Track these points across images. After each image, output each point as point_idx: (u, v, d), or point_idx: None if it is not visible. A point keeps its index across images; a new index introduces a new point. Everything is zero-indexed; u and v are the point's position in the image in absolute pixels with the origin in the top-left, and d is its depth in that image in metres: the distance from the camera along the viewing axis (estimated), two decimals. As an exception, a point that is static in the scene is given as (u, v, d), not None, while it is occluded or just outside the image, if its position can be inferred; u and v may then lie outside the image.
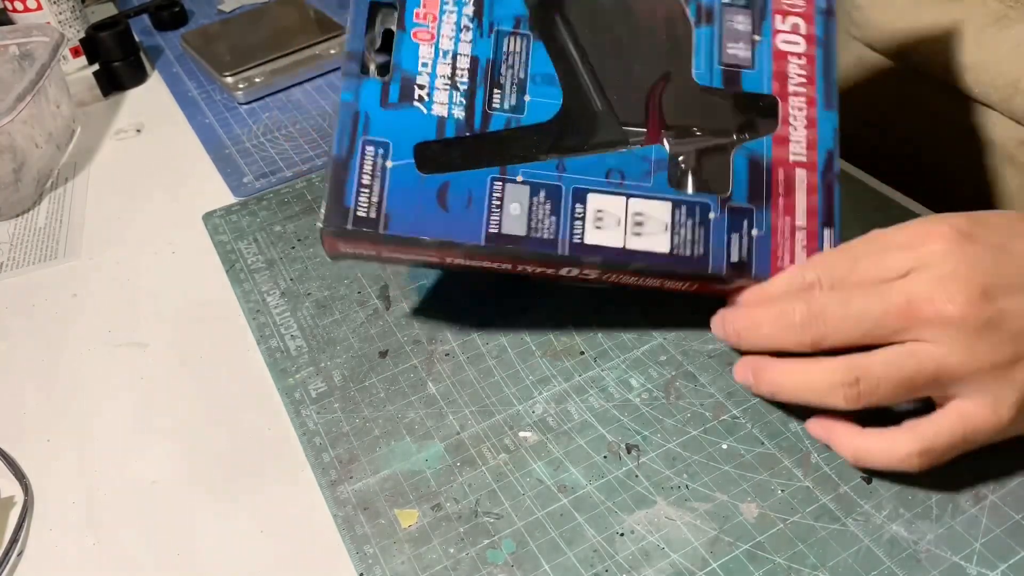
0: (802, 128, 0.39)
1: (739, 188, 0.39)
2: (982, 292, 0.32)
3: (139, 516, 0.38)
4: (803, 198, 0.38)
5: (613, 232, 0.38)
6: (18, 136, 0.58)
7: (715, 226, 0.38)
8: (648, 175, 0.38)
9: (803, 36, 0.41)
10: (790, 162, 0.39)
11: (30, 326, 0.49)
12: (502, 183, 0.37)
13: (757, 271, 0.38)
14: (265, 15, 0.78)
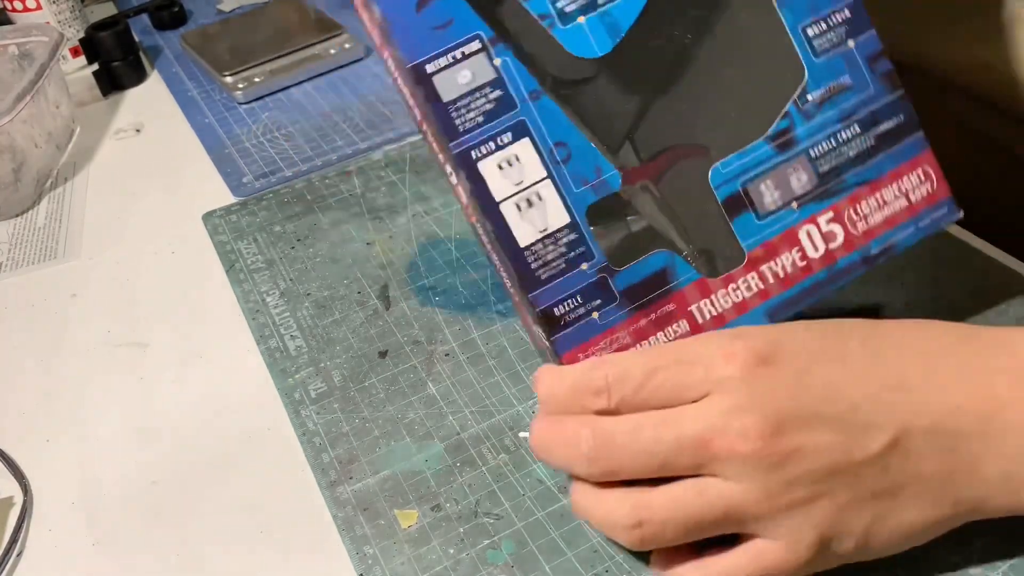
0: (729, 302, 0.36)
1: (629, 276, 0.35)
2: (776, 426, 0.29)
3: (139, 516, 0.38)
4: (661, 337, 0.35)
5: (503, 181, 0.34)
6: (18, 136, 0.58)
7: (577, 273, 0.34)
8: (583, 183, 0.34)
9: (826, 251, 0.36)
10: (686, 308, 0.35)
11: (30, 326, 0.49)
12: (479, 47, 0.33)
13: (560, 344, 0.34)
14: (265, 15, 0.78)
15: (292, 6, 0.78)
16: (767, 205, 0.35)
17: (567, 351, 0.34)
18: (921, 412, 0.30)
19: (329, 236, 0.52)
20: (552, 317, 0.34)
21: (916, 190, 0.37)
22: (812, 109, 0.36)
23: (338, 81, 0.69)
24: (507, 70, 0.33)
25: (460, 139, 0.33)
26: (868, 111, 0.36)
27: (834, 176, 0.36)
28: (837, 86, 0.36)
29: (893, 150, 0.36)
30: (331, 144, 0.61)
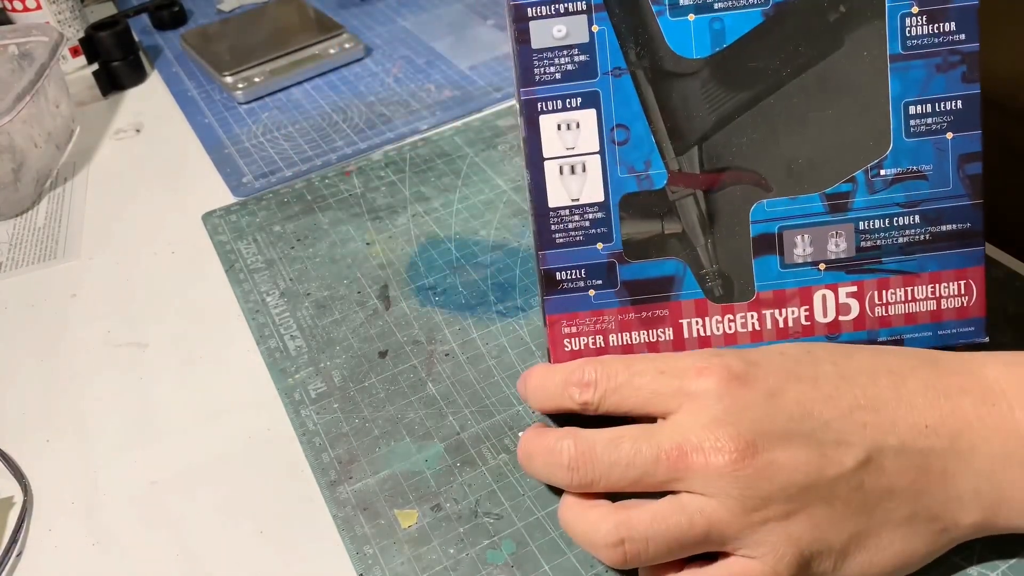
0: (719, 331, 0.36)
1: (642, 269, 0.35)
2: (750, 442, 0.30)
3: (139, 516, 0.38)
4: (638, 339, 0.36)
5: (557, 141, 0.35)
6: (17, 136, 0.58)
7: (590, 250, 0.35)
8: (630, 170, 0.35)
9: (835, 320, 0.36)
10: (679, 320, 0.36)
11: (30, 326, 0.49)
12: (585, 8, 0.34)
13: (551, 306, 0.36)
14: (265, 15, 0.78)
15: (292, 6, 0.78)
16: (795, 256, 0.35)
17: (554, 313, 0.36)
18: (891, 431, 0.30)
19: (329, 236, 0.52)
20: (552, 279, 0.35)
21: (950, 300, 0.35)
22: (880, 184, 0.34)
23: (338, 81, 0.70)
24: (601, 38, 0.34)
25: (533, 88, 0.34)
26: (937, 207, 0.35)
27: (873, 255, 0.35)
28: (916, 172, 0.34)
29: (945, 253, 0.35)
30: (331, 144, 0.61)
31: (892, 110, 0.34)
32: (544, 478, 0.34)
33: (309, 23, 0.75)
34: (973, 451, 0.30)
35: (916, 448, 0.30)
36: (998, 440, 0.30)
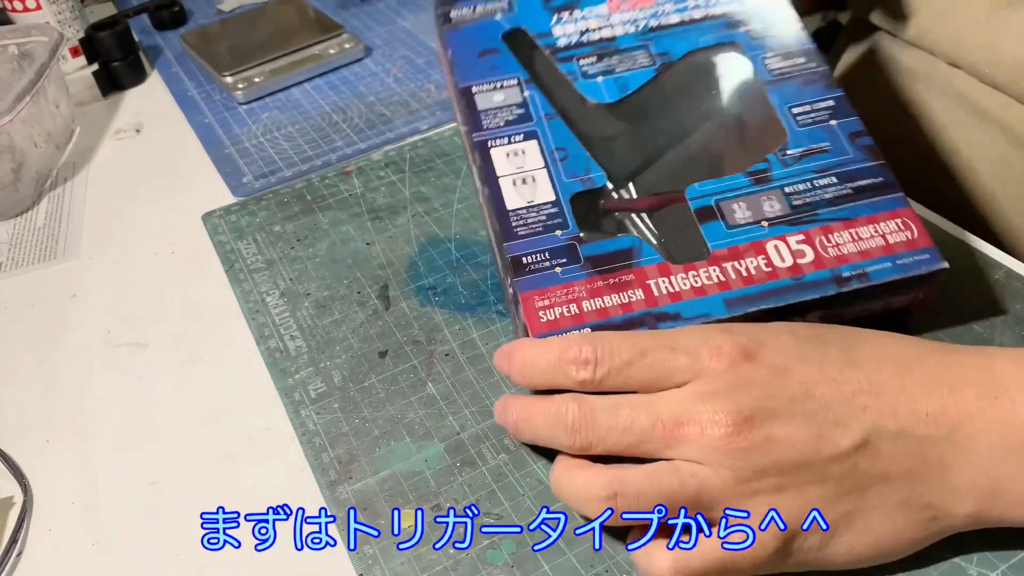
0: (687, 285, 0.37)
1: (598, 246, 0.39)
2: (748, 417, 0.30)
3: (139, 516, 0.38)
4: (611, 302, 0.37)
5: (507, 164, 0.42)
6: (17, 136, 0.58)
7: (551, 236, 0.39)
8: (573, 178, 0.41)
9: (794, 264, 0.38)
10: (645, 282, 0.37)
11: (30, 326, 0.49)
12: (516, 83, 0.45)
13: (520, 284, 0.38)
14: (265, 15, 0.78)
15: (292, 6, 0.78)
16: (737, 219, 0.39)
17: (525, 291, 0.38)
18: (891, 416, 0.31)
19: (329, 236, 0.52)
20: (520, 263, 0.39)
21: (894, 235, 0.38)
22: (790, 160, 0.40)
23: (338, 81, 0.70)
24: (532, 100, 0.44)
25: (483, 132, 0.43)
26: (846, 170, 0.40)
27: (807, 210, 0.39)
28: (817, 148, 0.41)
29: (870, 201, 0.39)
30: (331, 144, 0.61)
31: (780, 113, 0.42)
32: (545, 439, 0.35)
33: (309, 23, 0.75)
34: (972, 442, 0.31)
35: (914, 435, 0.31)
36: (997, 433, 0.31)
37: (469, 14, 0.47)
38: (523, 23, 0.47)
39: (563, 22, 0.47)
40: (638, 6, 0.47)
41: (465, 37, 0.47)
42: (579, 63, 0.45)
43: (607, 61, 0.45)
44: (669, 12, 0.47)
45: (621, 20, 0.47)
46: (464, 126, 0.45)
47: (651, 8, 0.47)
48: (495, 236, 0.41)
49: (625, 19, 0.47)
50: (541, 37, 0.47)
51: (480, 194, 0.43)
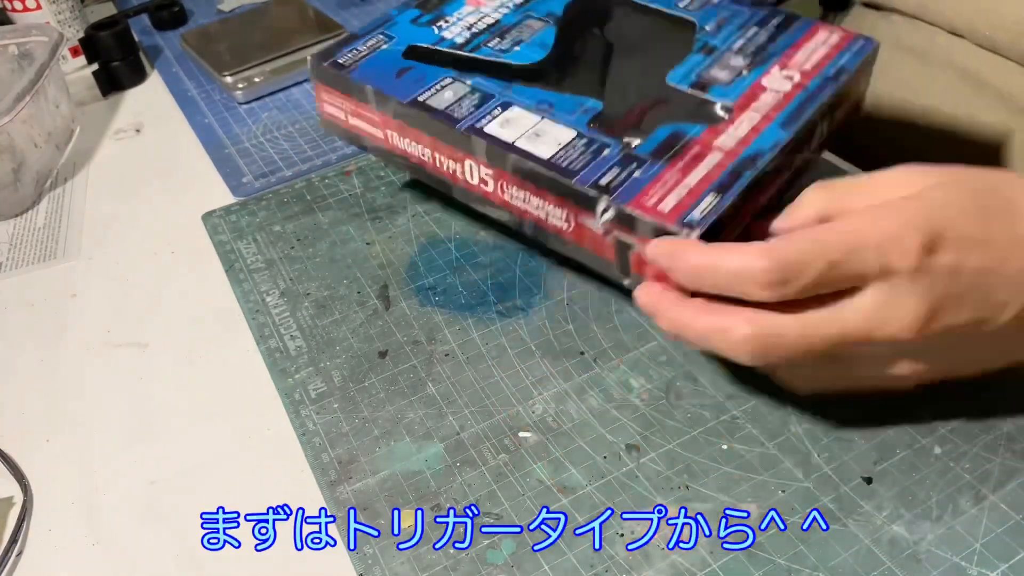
0: (743, 130, 0.40)
1: (647, 145, 0.40)
2: (929, 317, 0.32)
3: (139, 516, 0.38)
4: (704, 170, 0.38)
5: (510, 132, 0.41)
6: (17, 136, 0.58)
7: (603, 158, 0.39)
8: (572, 114, 0.42)
9: (793, 83, 0.43)
10: (711, 145, 0.40)
11: (30, 326, 0.49)
12: (452, 80, 0.45)
13: (619, 197, 0.37)
14: (265, 15, 0.78)
15: (292, 6, 0.78)
16: (724, 79, 0.44)
17: (630, 199, 0.37)
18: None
19: (329, 236, 0.52)
20: (601, 186, 0.38)
21: (828, 40, 0.46)
22: (713, 32, 0.47)
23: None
24: (478, 83, 0.45)
25: (462, 122, 0.42)
26: (755, 20, 0.47)
27: (760, 52, 0.45)
28: (721, 19, 0.48)
29: (791, 30, 0.47)
30: (331, 144, 0.61)
31: (672, 11, 0.48)
32: (708, 349, 0.35)
33: (309, 23, 0.75)
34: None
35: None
36: None
37: (357, 55, 0.47)
38: (410, 43, 0.48)
39: (445, 28, 0.49)
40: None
41: (369, 70, 0.46)
42: (489, 47, 0.47)
43: (510, 36, 0.48)
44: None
45: (491, 8, 0.50)
46: (426, 140, 0.44)
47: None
48: (552, 187, 0.39)
49: (494, 6, 0.50)
50: (437, 45, 0.48)
51: (487, 184, 0.42)
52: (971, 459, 0.37)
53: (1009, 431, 0.38)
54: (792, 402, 0.40)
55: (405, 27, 0.49)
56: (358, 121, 0.48)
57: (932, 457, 0.37)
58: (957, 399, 0.39)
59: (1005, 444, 0.37)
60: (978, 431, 0.38)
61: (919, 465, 0.37)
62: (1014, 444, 0.37)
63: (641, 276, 0.38)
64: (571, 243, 0.41)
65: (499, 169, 0.41)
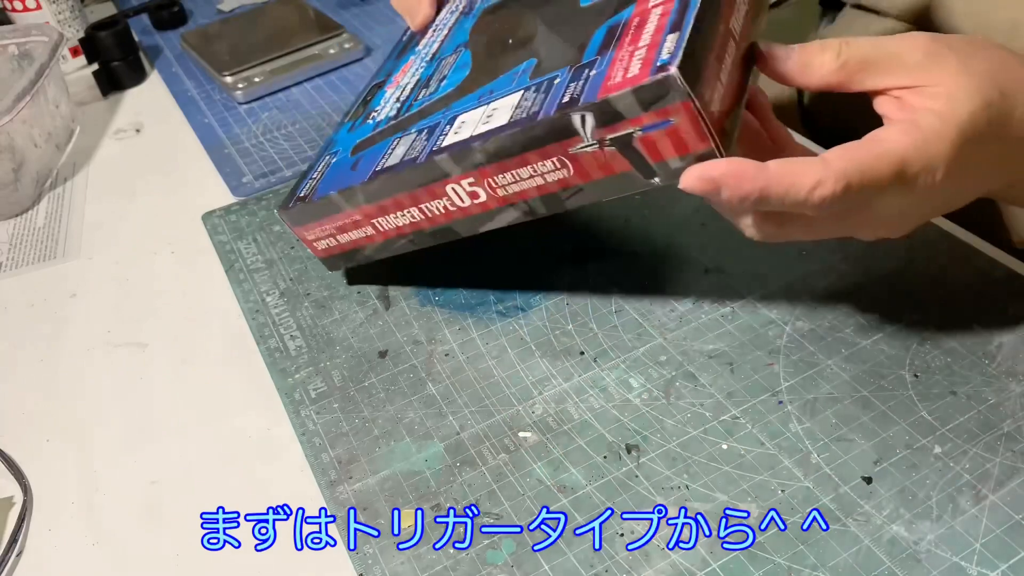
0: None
1: (589, 52, 0.37)
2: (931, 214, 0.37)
3: (139, 516, 0.38)
4: (651, 27, 0.35)
5: (465, 131, 0.39)
6: (17, 136, 0.58)
7: (555, 87, 0.36)
8: (513, 85, 0.39)
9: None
10: (648, 8, 0.36)
11: (30, 326, 0.49)
12: (400, 138, 0.43)
13: (585, 99, 0.34)
14: (265, 15, 0.78)
15: (292, 6, 0.78)
16: None
17: (597, 93, 0.34)
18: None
19: (329, 236, 0.52)
20: (565, 103, 0.35)
21: None
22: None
23: (338, 81, 0.70)
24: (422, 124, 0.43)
25: (421, 155, 0.40)
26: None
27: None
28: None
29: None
30: (331, 144, 0.61)
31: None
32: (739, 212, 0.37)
33: (309, 23, 0.75)
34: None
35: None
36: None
37: (313, 182, 0.46)
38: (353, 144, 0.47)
39: (377, 115, 0.48)
40: (407, 70, 0.50)
41: (328, 183, 0.45)
42: (420, 100, 0.45)
43: (434, 82, 0.46)
44: (429, 49, 0.50)
45: (407, 79, 0.49)
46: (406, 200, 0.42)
47: (416, 63, 0.50)
48: (528, 143, 0.37)
49: (409, 74, 0.49)
50: (376, 130, 0.46)
51: (479, 195, 0.40)
52: (971, 459, 0.37)
53: (1009, 431, 0.38)
54: (792, 402, 0.40)
55: (344, 137, 0.49)
56: (346, 236, 0.46)
57: (932, 457, 0.37)
58: (957, 399, 0.39)
59: (1005, 444, 0.37)
60: (978, 431, 0.38)
61: (919, 465, 0.37)
62: (1014, 444, 0.37)
63: (665, 162, 0.35)
64: (584, 186, 0.37)
65: (476, 170, 0.39)
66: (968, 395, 0.39)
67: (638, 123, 0.33)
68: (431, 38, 0.52)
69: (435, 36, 0.51)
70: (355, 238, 0.46)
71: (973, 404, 0.39)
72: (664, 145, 0.34)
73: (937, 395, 0.39)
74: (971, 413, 0.39)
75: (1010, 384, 0.40)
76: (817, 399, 0.40)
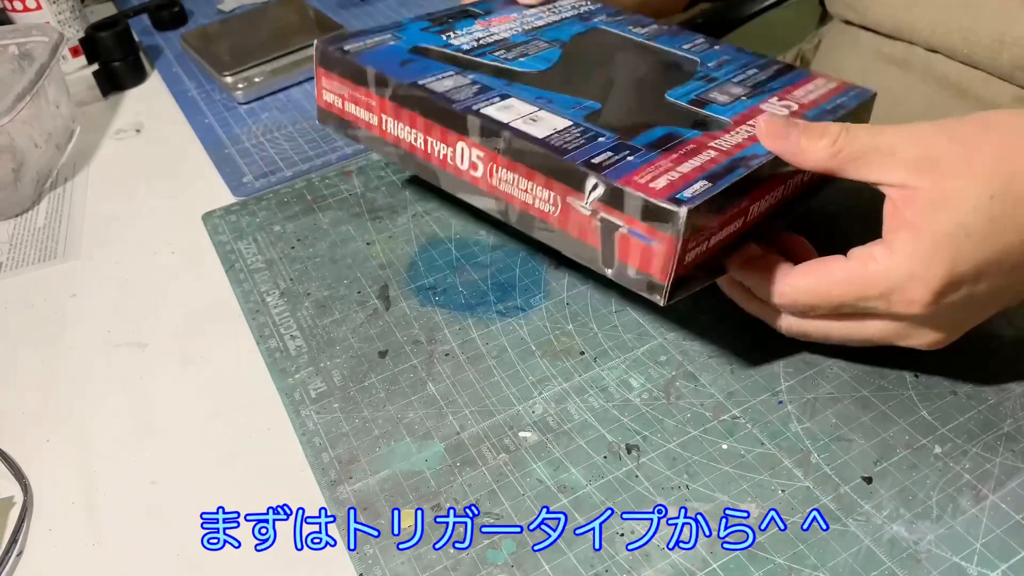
0: (739, 138, 0.40)
1: (644, 139, 0.40)
2: (947, 335, 0.37)
3: (139, 516, 0.38)
4: (698, 161, 0.38)
5: (506, 115, 0.41)
6: (17, 136, 0.58)
7: (598, 143, 0.39)
8: (571, 109, 0.42)
9: (791, 110, 0.44)
10: (706, 144, 0.40)
11: (30, 326, 0.49)
12: (453, 74, 0.45)
13: (609, 175, 0.37)
14: (265, 15, 0.78)
15: (292, 6, 0.78)
16: (722, 101, 0.45)
17: (622, 176, 0.37)
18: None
19: (329, 236, 0.52)
20: (594, 164, 0.38)
21: (825, 86, 0.47)
22: (715, 68, 0.49)
23: (338, 81, 0.69)
24: (479, 79, 0.45)
25: (460, 104, 0.42)
26: (756, 64, 0.50)
27: (760, 87, 0.47)
28: (723, 60, 0.50)
29: (791, 75, 0.48)
30: (331, 144, 0.61)
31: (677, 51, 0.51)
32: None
33: (309, 23, 0.75)
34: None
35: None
36: None
37: (363, 45, 0.48)
38: (418, 44, 0.49)
39: (454, 37, 0.50)
40: (504, 22, 0.53)
41: (374, 57, 0.47)
42: (495, 55, 0.48)
43: (516, 51, 0.49)
44: (533, 20, 0.54)
45: (500, 29, 0.52)
46: (421, 122, 0.44)
47: (515, 22, 0.53)
48: (543, 167, 0.39)
49: (504, 27, 0.52)
50: (446, 48, 0.49)
51: (477, 169, 0.42)
52: (971, 459, 0.37)
53: (1009, 431, 0.38)
54: (792, 402, 0.40)
55: (414, 32, 0.50)
56: (354, 107, 0.48)
57: (932, 457, 0.37)
58: (957, 399, 0.39)
59: (1005, 444, 0.37)
60: (978, 431, 0.38)
61: (919, 465, 0.37)
62: (1014, 444, 0.37)
63: (626, 264, 0.38)
64: (556, 229, 0.40)
65: (491, 151, 0.41)
66: (968, 395, 0.39)
67: (630, 222, 0.36)
68: (539, 14, 0.55)
69: (544, 16, 0.54)
70: (358, 115, 0.48)
71: (973, 404, 0.39)
72: (635, 252, 0.37)
73: (937, 395, 0.39)
74: (971, 413, 0.39)
75: (1010, 384, 0.40)
76: (817, 399, 0.40)
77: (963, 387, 0.40)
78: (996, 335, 0.42)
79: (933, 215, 0.34)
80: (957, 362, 0.40)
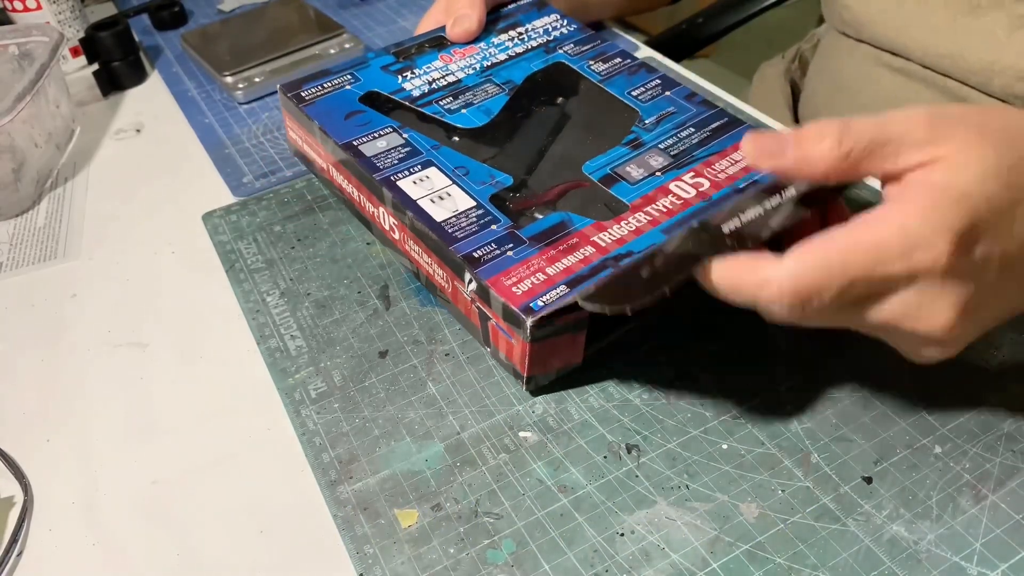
0: (626, 230, 0.41)
1: (535, 228, 0.42)
2: (963, 313, 0.32)
3: (139, 516, 0.38)
4: (570, 261, 0.40)
5: (419, 190, 0.44)
6: (18, 136, 0.58)
7: (488, 232, 0.42)
8: (482, 184, 0.45)
9: (699, 192, 0.43)
10: (589, 239, 0.41)
11: (30, 326, 0.49)
12: (391, 131, 0.48)
13: (482, 273, 0.39)
14: (265, 15, 0.78)
15: (292, 6, 0.78)
16: (635, 177, 0.45)
17: (491, 276, 0.39)
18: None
19: (329, 236, 0.52)
20: (473, 258, 0.40)
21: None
22: (651, 126, 0.48)
23: (338, 81, 0.69)
24: (412, 138, 0.48)
25: (381, 172, 0.46)
26: (697, 119, 0.49)
27: (686, 156, 0.46)
28: (665, 113, 0.49)
29: (729, 135, 0.47)
30: (331, 144, 0.61)
31: (623, 98, 0.51)
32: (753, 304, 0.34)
33: (309, 23, 0.75)
34: None
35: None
36: None
37: (319, 91, 0.51)
38: (372, 88, 0.52)
39: (408, 79, 0.53)
40: (467, 55, 0.55)
41: (324, 108, 0.50)
42: (440, 104, 0.51)
43: (463, 98, 0.51)
44: (496, 53, 0.55)
45: (458, 67, 0.54)
46: (354, 181, 0.48)
47: (479, 54, 0.55)
48: (436, 250, 0.42)
49: (462, 65, 0.54)
50: (396, 94, 0.52)
51: (395, 232, 0.46)
52: (971, 459, 0.37)
53: (1009, 431, 0.38)
54: (792, 402, 0.40)
55: (374, 72, 0.53)
56: (309, 150, 0.53)
57: (932, 457, 0.37)
58: (957, 399, 0.39)
59: (1005, 444, 0.37)
60: (978, 431, 0.38)
61: (919, 465, 0.37)
62: (1014, 444, 0.37)
63: (497, 349, 0.41)
64: (451, 303, 0.44)
65: (401, 222, 0.45)
66: (968, 395, 0.39)
67: (496, 317, 0.40)
68: (506, 44, 0.56)
69: (510, 46, 0.56)
70: (314, 159, 0.53)
71: (973, 404, 0.39)
72: (503, 343, 0.40)
73: (937, 395, 0.39)
74: (971, 413, 0.39)
75: (1010, 384, 0.40)
76: (817, 399, 0.40)
77: (963, 387, 0.40)
78: (997, 335, 0.42)
79: (956, 176, 0.31)
80: (957, 362, 0.40)
